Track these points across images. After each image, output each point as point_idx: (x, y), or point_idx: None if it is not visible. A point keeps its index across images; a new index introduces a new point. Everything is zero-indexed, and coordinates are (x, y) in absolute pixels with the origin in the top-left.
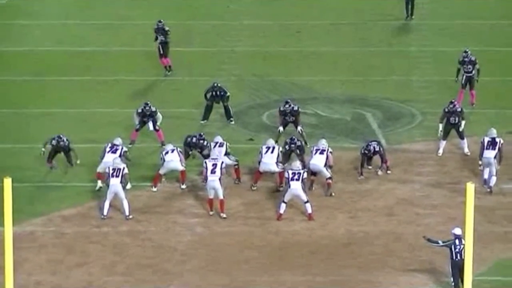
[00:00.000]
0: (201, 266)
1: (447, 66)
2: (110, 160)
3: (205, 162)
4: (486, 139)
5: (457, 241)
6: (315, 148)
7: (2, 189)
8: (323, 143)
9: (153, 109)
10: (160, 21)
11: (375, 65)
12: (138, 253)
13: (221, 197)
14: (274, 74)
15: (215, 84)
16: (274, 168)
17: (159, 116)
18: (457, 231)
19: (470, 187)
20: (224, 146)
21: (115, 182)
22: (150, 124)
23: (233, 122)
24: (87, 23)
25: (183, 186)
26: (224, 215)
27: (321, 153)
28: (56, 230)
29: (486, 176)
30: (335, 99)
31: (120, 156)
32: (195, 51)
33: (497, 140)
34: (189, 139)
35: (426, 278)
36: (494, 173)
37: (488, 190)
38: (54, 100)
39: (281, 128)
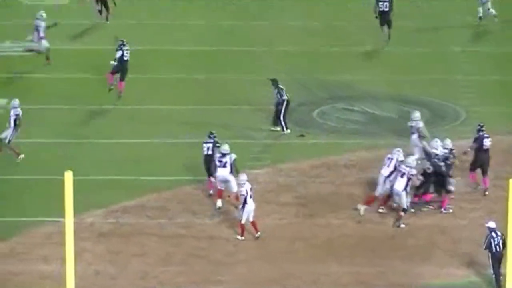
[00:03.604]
0: (251, 257)
1: (488, 66)
2: (222, 174)
3: (246, 189)
4: None
5: (493, 234)
6: (391, 161)
7: (63, 182)
8: (409, 162)
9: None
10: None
11: (419, 65)
12: (193, 244)
13: (252, 218)
14: (323, 73)
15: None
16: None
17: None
18: (491, 224)
19: None
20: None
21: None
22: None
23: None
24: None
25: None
26: (258, 234)
27: (402, 176)
28: (115, 222)
29: None
30: (382, 97)
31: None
32: (243, 50)
33: None
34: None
35: (467, 270)
36: None
37: None
38: (111, 97)
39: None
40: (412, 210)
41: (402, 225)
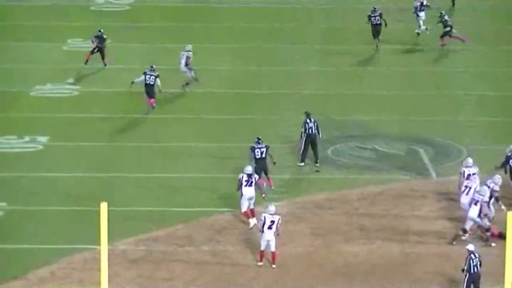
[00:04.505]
0: (271, 282)
1: (490, 108)
2: (249, 193)
3: (264, 217)
4: None
5: (472, 256)
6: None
7: (99, 213)
8: (487, 188)
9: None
10: (100, 31)
11: (425, 107)
12: (217, 270)
13: (273, 249)
14: (337, 114)
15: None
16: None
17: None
18: (470, 247)
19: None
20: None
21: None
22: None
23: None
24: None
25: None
26: (274, 266)
27: (475, 203)
28: (145, 249)
29: None
30: (391, 136)
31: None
32: (265, 93)
33: None
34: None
35: None
36: None
37: None
38: (142, 135)
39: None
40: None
41: (493, 244)
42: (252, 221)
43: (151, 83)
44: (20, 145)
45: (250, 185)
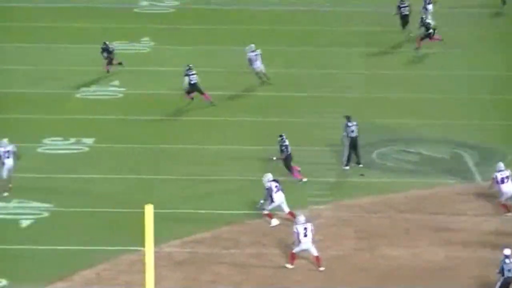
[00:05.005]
0: (315, 285)
1: None
2: (281, 198)
3: (296, 228)
4: None
5: (506, 260)
6: None
7: (144, 215)
8: None
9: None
10: (105, 43)
11: (471, 111)
12: (262, 273)
13: (316, 253)
14: (380, 117)
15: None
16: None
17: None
18: (506, 251)
19: None
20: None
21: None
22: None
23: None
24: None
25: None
26: (322, 268)
27: None
28: (191, 251)
29: None
30: (435, 140)
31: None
32: (308, 96)
33: None
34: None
35: None
36: None
37: None
38: (186, 137)
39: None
40: None
41: None
42: (274, 221)
43: (195, 81)
44: (65, 147)
45: (279, 190)
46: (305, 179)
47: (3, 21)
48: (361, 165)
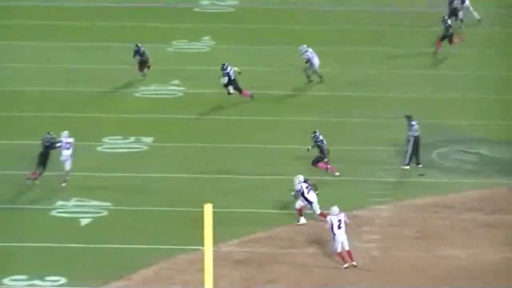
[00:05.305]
0: (373, 285)
1: None
2: (314, 198)
3: (330, 219)
4: None
5: None
6: None
7: (203, 214)
8: None
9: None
10: (137, 45)
11: None
12: (320, 272)
13: (347, 248)
14: (440, 118)
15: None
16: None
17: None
18: None
19: None
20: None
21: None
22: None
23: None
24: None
25: None
26: (355, 263)
27: None
28: (249, 251)
29: None
30: (495, 141)
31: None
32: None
33: None
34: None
35: None
36: None
37: None
38: (244, 136)
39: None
40: None
41: None
42: (302, 220)
43: (233, 77)
44: (125, 146)
45: (310, 191)
46: (337, 173)
47: (52, 19)
48: (420, 165)
